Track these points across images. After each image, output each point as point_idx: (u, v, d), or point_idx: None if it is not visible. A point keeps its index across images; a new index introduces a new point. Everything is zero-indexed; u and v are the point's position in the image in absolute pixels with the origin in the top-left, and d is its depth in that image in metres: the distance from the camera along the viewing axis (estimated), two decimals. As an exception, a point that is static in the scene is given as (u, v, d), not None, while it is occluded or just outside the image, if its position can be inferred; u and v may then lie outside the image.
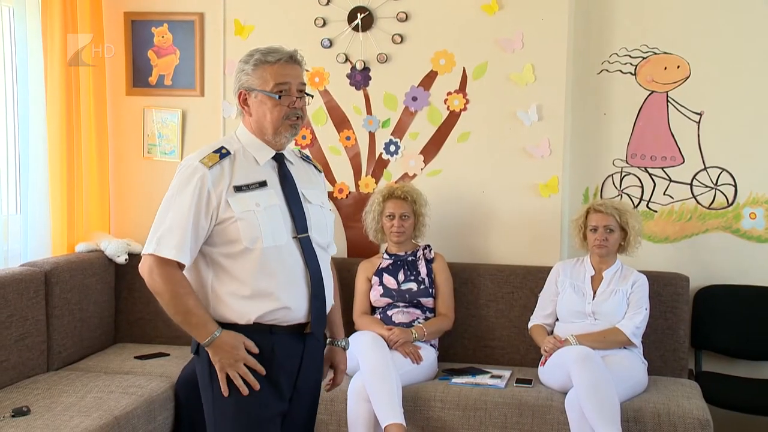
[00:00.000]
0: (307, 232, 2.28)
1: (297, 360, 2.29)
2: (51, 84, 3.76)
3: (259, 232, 2.19)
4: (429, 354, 3.59)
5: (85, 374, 3.49)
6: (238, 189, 2.21)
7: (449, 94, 3.99)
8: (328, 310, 2.35)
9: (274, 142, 2.30)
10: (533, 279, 3.83)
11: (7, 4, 3.68)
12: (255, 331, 2.22)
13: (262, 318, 2.22)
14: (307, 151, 3.76)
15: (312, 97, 2.36)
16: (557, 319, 3.64)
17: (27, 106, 3.68)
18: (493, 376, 3.57)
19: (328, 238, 2.41)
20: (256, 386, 2.19)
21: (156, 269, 2.18)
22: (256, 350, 2.20)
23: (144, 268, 2.21)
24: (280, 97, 2.23)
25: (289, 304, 2.23)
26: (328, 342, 2.48)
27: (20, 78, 3.68)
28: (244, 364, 2.19)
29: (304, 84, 2.31)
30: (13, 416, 2.90)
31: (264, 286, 2.20)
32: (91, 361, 3.75)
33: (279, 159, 2.33)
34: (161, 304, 2.22)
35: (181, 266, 2.21)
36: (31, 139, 3.68)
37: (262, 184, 2.25)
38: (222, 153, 2.25)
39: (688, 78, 3.89)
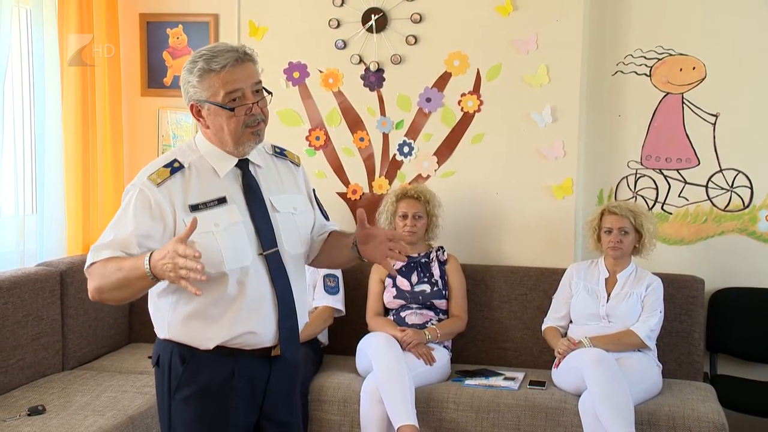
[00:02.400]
0: (275, 246, 2.09)
1: (262, 384, 2.13)
2: (67, 85, 3.78)
3: (221, 256, 2.00)
4: (442, 355, 3.58)
5: (99, 374, 3.51)
6: (194, 208, 2.02)
7: (463, 95, 3.99)
8: (301, 327, 2.17)
9: (237, 153, 2.09)
10: (547, 281, 3.81)
11: (25, 5, 3.71)
12: (216, 354, 2.07)
13: (224, 344, 2.06)
14: (292, 149, 3.72)
15: (272, 94, 2.10)
16: (571, 322, 3.62)
17: (43, 107, 3.70)
18: (506, 378, 3.56)
19: (303, 247, 2.20)
20: (199, 272, 1.81)
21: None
22: (191, 251, 1.82)
23: (88, 288, 2.02)
24: (234, 110, 2.01)
25: (255, 329, 2.07)
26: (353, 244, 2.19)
27: (37, 79, 3.71)
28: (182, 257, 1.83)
29: (259, 82, 2.06)
30: (28, 415, 2.93)
31: (226, 311, 2.04)
32: (105, 361, 3.77)
33: (243, 166, 2.12)
34: (110, 301, 2.03)
35: None
36: (47, 140, 3.71)
37: (221, 200, 2.05)
38: (174, 167, 2.05)
39: (703, 79, 3.87)
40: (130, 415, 3.03)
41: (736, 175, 3.87)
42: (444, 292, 3.73)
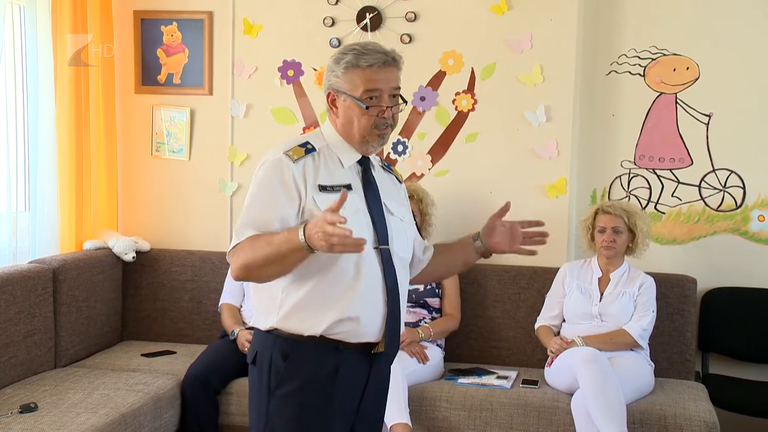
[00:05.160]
0: (387, 243, 2.12)
1: (362, 381, 2.14)
2: (60, 82, 3.77)
3: None
4: (435, 354, 3.59)
5: (92, 371, 3.50)
6: (323, 189, 2.07)
7: (457, 94, 3.99)
8: (402, 330, 2.19)
9: (360, 149, 2.16)
10: (540, 280, 3.82)
11: (18, 2, 3.70)
12: (320, 345, 2.07)
13: (330, 330, 2.06)
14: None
15: (406, 102, 2.19)
16: (564, 321, 3.63)
17: (36, 104, 3.70)
18: (499, 377, 3.57)
19: (408, 253, 2.25)
20: (350, 236, 1.84)
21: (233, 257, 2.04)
22: (338, 218, 1.86)
23: (231, 268, 2.06)
24: (368, 108, 2.08)
25: (361, 315, 2.07)
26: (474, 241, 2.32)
27: (30, 76, 3.70)
28: (332, 225, 1.86)
29: (398, 88, 2.13)
30: (20, 412, 2.92)
31: (338, 295, 2.06)
32: (98, 359, 3.76)
33: (364, 163, 2.18)
34: (257, 278, 2.04)
35: None
36: (40, 137, 3.70)
37: (347, 187, 2.09)
38: (308, 148, 2.11)
39: (697, 80, 3.88)
40: (122, 412, 3.03)
41: (729, 175, 3.88)
42: (437, 290, 3.73)
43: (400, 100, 2.14)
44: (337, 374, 2.09)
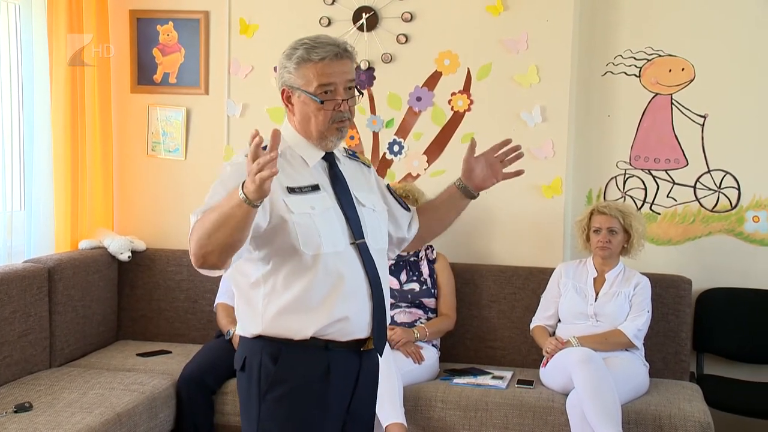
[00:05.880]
0: (363, 237, 2.10)
1: (353, 379, 2.12)
2: (56, 81, 3.77)
3: (319, 237, 2.01)
4: (430, 354, 3.59)
5: (87, 371, 3.50)
6: (292, 191, 2.02)
7: (453, 94, 3.99)
8: (388, 321, 2.16)
9: (320, 146, 2.11)
10: (535, 280, 3.83)
11: (14, 1, 3.69)
12: (310, 347, 2.04)
13: (320, 332, 2.03)
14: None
15: (362, 94, 2.15)
16: (559, 321, 3.64)
17: (32, 103, 3.69)
18: (494, 377, 3.57)
19: (384, 243, 2.21)
20: (273, 162, 1.74)
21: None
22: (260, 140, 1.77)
23: (190, 254, 1.92)
24: (323, 102, 2.03)
25: (350, 315, 2.04)
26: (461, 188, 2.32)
27: (25, 75, 3.69)
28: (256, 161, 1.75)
29: (353, 80, 2.08)
30: (15, 412, 2.92)
31: (323, 297, 2.02)
32: (93, 358, 3.76)
33: (329, 158, 2.14)
34: (212, 253, 1.85)
35: None
36: (35, 136, 3.70)
37: (315, 187, 2.06)
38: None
39: (692, 80, 3.89)
40: (118, 412, 3.03)
41: (724, 176, 3.89)
42: (433, 290, 3.74)
43: (356, 92, 2.09)
44: (329, 374, 2.07)
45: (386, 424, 3.14)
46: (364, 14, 4.01)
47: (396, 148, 4.07)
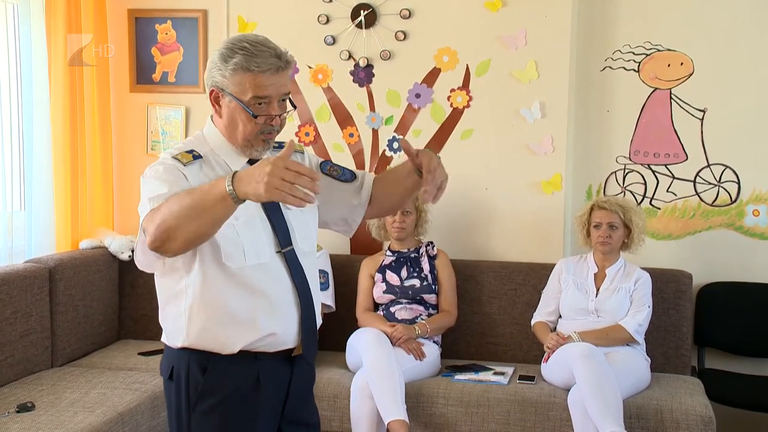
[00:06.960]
0: (291, 244, 2.03)
1: (284, 386, 2.06)
2: (55, 81, 3.76)
3: (242, 249, 1.94)
4: (432, 350, 3.59)
5: (89, 370, 3.50)
6: None
7: (452, 91, 3.99)
8: (318, 324, 2.10)
9: (243, 152, 2.02)
10: (536, 276, 3.83)
11: (12, 1, 3.69)
12: (238, 358, 1.98)
13: (247, 347, 1.97)
14: (283, 143, 3.71)
15: (295, 107, 2.06)
16: (560, 316, 3.64)
17: (31, 103, 3.69)
18: (495, 373, 3.57)
19: (312, 244, 2.12)
20: (316, 188, 1.72)
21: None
22: (314, 175, 1.72)
23: (147, 234, 1.87)
24: (256, 116, 1.94)
25: (277, 330, 1.98)
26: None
27: (24, 75, 3.69)
28: (288, 169, 1.68)
29: (288, 93, 1.99)
30: (17, 412, 2.92)
31: (248, 312, 1.95)
32: (94, 358, 3.76)
33: (254, 163, 2.00)
34: (174, 241, 1.80)
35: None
36: (35, 136, 3.69)
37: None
38: (195, 155, 1.98)
39: (691, 75, 3.89)
40: (119, 411, 3.03)
41: (724, 170, 3.89)
42: (433, 286, 3.74)
43: (289, 105, 2.00)
44: (259, 383, 2.01)
45: (388, 420, 3.15)
46: (362, 11, 4.01)
47: (395, 145, 4.07)
